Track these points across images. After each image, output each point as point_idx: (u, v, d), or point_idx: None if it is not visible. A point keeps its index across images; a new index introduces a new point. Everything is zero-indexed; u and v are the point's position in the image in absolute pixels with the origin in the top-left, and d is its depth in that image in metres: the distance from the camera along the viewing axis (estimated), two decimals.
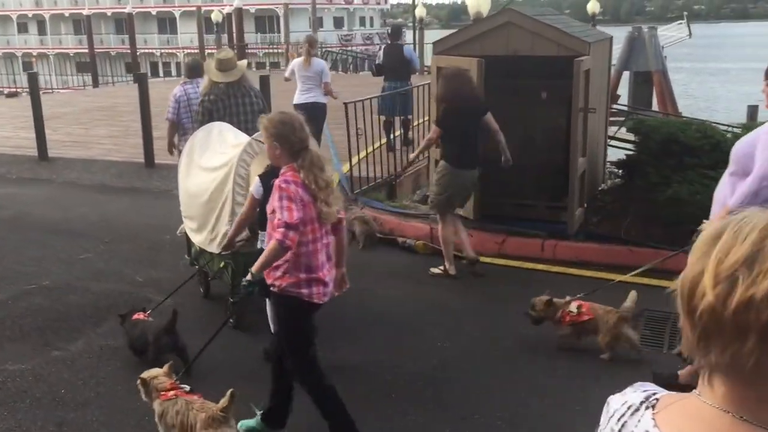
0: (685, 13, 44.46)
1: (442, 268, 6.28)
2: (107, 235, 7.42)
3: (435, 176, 6.32)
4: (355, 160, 8.71)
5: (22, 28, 53.41)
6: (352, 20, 53.15)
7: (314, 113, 8.09)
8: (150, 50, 44.08)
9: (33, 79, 11.30)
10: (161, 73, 42.98)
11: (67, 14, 50.74)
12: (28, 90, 31.56)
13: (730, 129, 8.53)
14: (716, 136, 6.51)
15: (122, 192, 9.31)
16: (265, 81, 9.56)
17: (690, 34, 34.36)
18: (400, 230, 7.33)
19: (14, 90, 33.31)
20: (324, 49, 32.30)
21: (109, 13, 49.23)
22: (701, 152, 6.40)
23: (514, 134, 6.89)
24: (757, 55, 66.50)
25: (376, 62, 10.87)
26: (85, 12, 36.71)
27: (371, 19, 56.27)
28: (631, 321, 4.71)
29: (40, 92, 30.76)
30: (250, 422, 3.80)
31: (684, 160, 6.42)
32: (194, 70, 7.61)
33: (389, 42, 11.06)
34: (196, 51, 40.72)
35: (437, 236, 7.09)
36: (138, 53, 33.29)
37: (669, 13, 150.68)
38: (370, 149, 8.79)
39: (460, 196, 6.29)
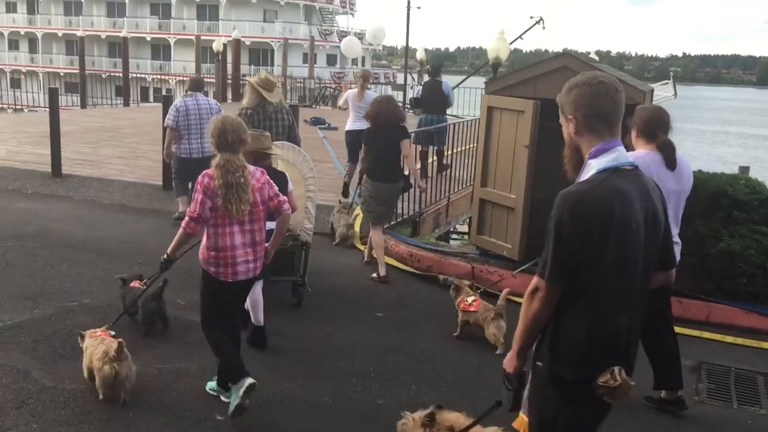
0: (672, 72, 45.60)
1: (375, 275, 7.01)
2: (139, 256, 7.23)
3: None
4: None
5: (13, 45, 52.98)
6: (345, 58, 53.59)
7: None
8: (142, 75, 43.89)
9: (54, 95, 11.13)
10: (151, 99, 42.85)
11: (60, 34, 50.50)
12: (15, 107, 31.17)
13: None
14: (765, 192, 6.56)
15: (144, 213, 9.13)
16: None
17: (675, 95, 35.19)
18: (440, 268, 7.26)
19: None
20: (323, 86, 32.56)
21: (103, 36, 49.08)
22: (750, 207, 6.45)
23: (560, 178, 6.90)
24: (730, 119, 68.69)
25: (414, 95, 12.30)
26: (79, 33, 36.52)
27: (362, 58, 56.83)
28: (501, 317, 5.42)
29: (26, 109, 30.10)
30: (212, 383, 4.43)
31: (733, 214, 6.45)
32: (196, 86, 8.82)
33: (429, 78, 11.83)
34: (188, 78, 40.92)
35: (479, 275, 7.08)
36: (130, 77, 33.16)
37: (646, 73, 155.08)
38: None
39: (379, 205, 7.08)
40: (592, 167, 2.50)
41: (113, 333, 4.47)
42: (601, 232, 2.36)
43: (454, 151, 10.76)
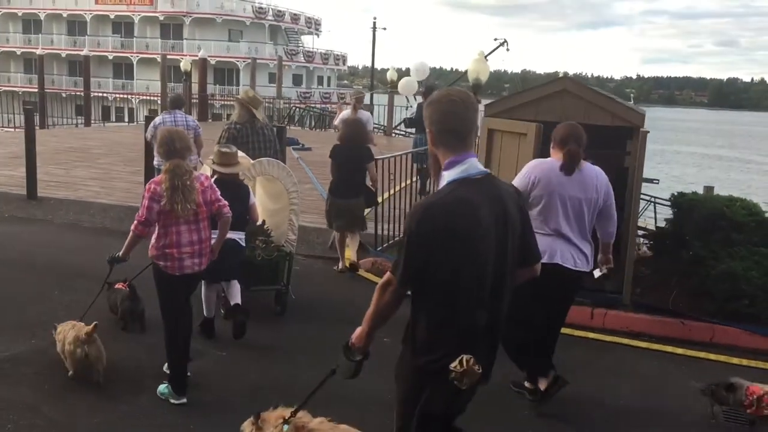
0: (632, 93, 46.69)
1: (336, 267, 7.87)
2: (138, 283, 7.02)
3: None
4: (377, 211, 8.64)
5: None
6: (311, 78, 53.70)
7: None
8: (103, 94, 43.19)
9: (29, 114, 10.81)
10: (113, 118, 42.18)
11: (18, 53, 49.49)
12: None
13: None
14: (761, 214, 6.69)
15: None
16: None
17: None
18: None
19: None
20: (292, 106, 32.47)
21: (63, 54, 48.23)
22: (748, 229, 6.56)
23: None
24: (687, 140, 70.64)
25: (408, 116, 13.00)
26: (38, 51, 35.83)
27: (329, 78, 57.00)
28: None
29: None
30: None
31: (731, 236, 6.56)
32: (176, 103, 9.38)
33: (422, 100, 12.07)
34: (152, 97, 40.40)
35: None
36: (91, 96, 32.55)
37: None
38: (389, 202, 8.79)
39: (337, 218, 7.62)
40: (444, 178, 2.73)
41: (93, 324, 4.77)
42: (446, 238, 2.61)
43: None
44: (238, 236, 5.72)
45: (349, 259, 7.97)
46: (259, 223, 6.41)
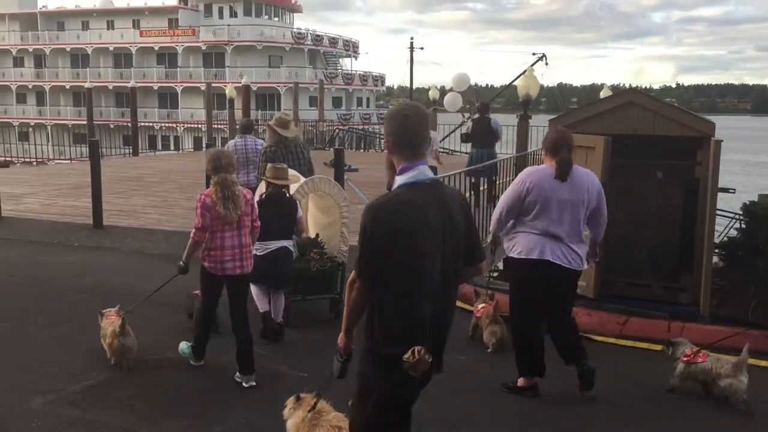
0: (673, 102, 45.96)
1: None
2: None
3: None
4: None
5: (21, 98, 53.51)
6: (350, 100, 54.21)
7: None
8: (149, 123, 44.22)
9: (94, 147, 11.15)
10: (160, 146, 43.07)
11: (68, 86, 51.06)
12: (23, 159, 31.25)
13: None
14: None
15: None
16: None
17: None
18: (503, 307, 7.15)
19: (7, 159, 33.20)
20: (334, 128, 32.80)
21: (110, 87, 49.64)
22: None
23: (628, 212, 6.88)
24: (734, 147, 69.11)
25: (464, 131, 13.19)
26: (86, 85, 36.91)
27: (368, 99, 57.45)
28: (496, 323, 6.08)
29: (35, 161, 30.16)
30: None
31: None
32: (246, 128, 9.95)
33: (479, 116, 12.74)
34: (197, 125, 41.22)
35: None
36: (138, 126, 33.35)
37: None
38: None
39: None
40: (397, 182, 3.02)
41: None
42: (394, 236, 2.88)
43: (501, 181, 10.99)
44: (289, 244, 6.33)
45: None
46: (312, 236, 7.01)
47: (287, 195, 6.37)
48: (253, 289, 6.11)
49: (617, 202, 6.75)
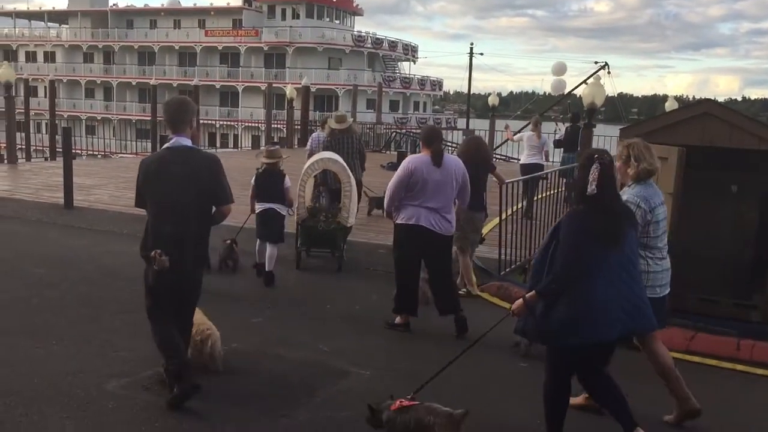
0: None
1: (463, 290, 7.92)
2: (268, 301, 7.33)
3: None
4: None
5: (89, 93, 55.37)
6: (407, 104, 54.33)
7: (534, 170, 12.15)
8: (210, 121, 45.18)
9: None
10: (218, 144, 43.95)
11: (134, 83, 52.60)
12: (87, 152, 32.05)
13: None
14: None
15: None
16: None
17: None
18: None
19: (75, 151, 34.27)
20: (391, 131, 32.89)
21: (174, 84, 50.94)
22: None
23: (700, 225, 6.73)
24: None
25: (557, 137, 15.19)
26: (152, 82, 37.93)
27: (425, 104, 57.49)
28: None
29: (100, 155, 30.81)
30: None
31: None
32: (322, 125, 12.38)
33: (570, 124, 14.43)
34: (255, 124, 41.89)
35: None
36: (199, 123, 33.98)
37: None
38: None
39: (474, 233, 8.07)
40: (165, 146, 4.78)
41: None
42: (147, 178, 4.64)
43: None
44: (278, 207, 8.04)
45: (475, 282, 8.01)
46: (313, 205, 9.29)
47: (278, 169, 8.05)
48: (257, 243, 8.11)
49: (689, 215, 6.61)
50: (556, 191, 10.68)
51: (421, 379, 4.41)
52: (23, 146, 23.17)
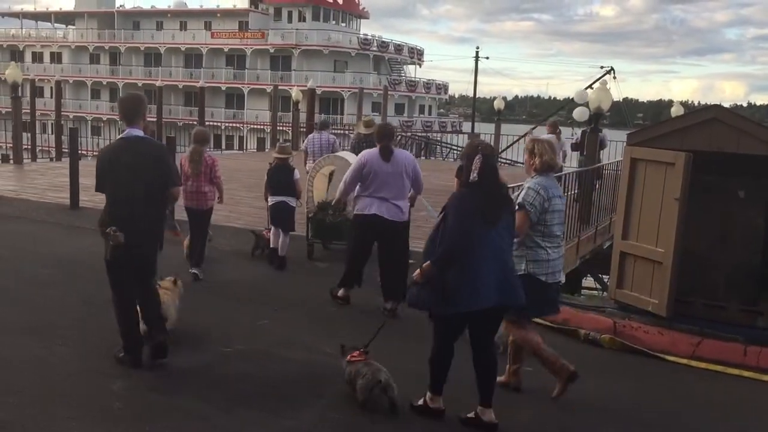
0: None
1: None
2: (274, 303, 7.32)
3: None
4: None
5: (95, 94, 55.47)
6: (413, 107, 54.31)
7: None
8: (216, 123, 45.22)
9: (171, 143, 11.48)
10: (224, 146, 43.96)
11: (140, 84, 52.66)
12: (93, 153, 32.28)
13: None
14: None
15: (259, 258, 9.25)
16: None
17: None
18: (577, 322, 7.06)
19: (81, 152, 34.31)
20: (398, 134, 32.88)
21: (180, 86, 51.01)
22: None
23: (707, 230, 6.70)
24: None
25: (574, 141, 15.23)
26: (157, 83, 38.00)
27: (430, 107, 57.45)
28: None
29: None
30: None
31: None
32: (324, 125, 12.67)
33: (588, 128, 13.97)
34: (261, 126, 41.88)
35: (621, 330, 6.87)
36: (205, 125, 34.06)
37: None
38: None
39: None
40: (121, 135, 5.22)
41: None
42: (104, 165, 5.18)
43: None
44: (288, 199, 8.77)
45: None
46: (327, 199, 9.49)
47: (288, 164, 8.84)
48: (272, 231, 8.92)
49: (697, 220, 6.59)
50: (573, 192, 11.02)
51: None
52: (29, 147, 23.23)
